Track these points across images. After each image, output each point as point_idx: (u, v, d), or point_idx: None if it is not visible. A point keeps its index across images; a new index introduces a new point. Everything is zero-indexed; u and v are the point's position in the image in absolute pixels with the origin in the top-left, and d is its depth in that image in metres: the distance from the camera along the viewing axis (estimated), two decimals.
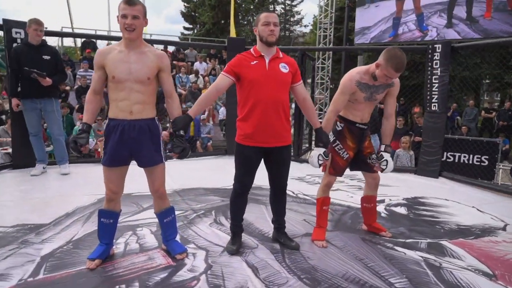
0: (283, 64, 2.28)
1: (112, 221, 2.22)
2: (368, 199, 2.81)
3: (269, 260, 2.28)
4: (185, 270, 2.13)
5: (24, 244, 2.42)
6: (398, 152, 5.70)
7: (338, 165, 2.60)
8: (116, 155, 2.09)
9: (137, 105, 2.08)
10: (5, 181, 3.93)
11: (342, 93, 2.48)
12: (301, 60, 5.15)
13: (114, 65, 2.03)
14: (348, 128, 2.58)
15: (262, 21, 2.22)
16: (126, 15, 1.96)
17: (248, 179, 2.37)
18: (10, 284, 1.93)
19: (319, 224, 2.68)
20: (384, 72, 2.32)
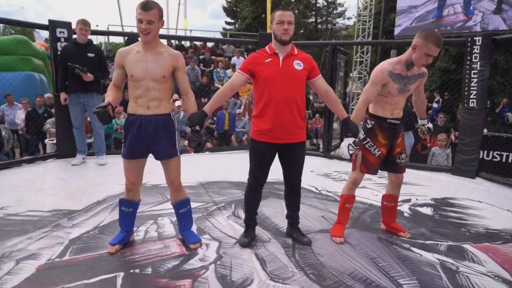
0: (297, 61, 2.29)
1: (131, 210, 2.37)
2: (389, 197, 2.74)
3: (279, 254, 2.33)
4: (196, 259, 2.23)
5: (56, 227, 2.65)
6: (434, 150, 5.45)
7: (370, 162, 2.54)
8: (133, 148, 2.22)
9: (153, 101, 2.20)
10: (49, 169, 4.27)
11: (373, 83, 2.42)
12: (332, 54, 5.07)
13: (132, 65, 2.17)
14: (379, 125, 2.52)
15: (277, 19, 2.23)
16: (141, 20, 2.07)
17: (262, 174, 2.42)
18: (40, 263, 2.14)
19: (339, 221, 2.66)
20: (424, 51, 2.25)
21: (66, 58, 4.26)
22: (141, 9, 2.07)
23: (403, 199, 3.55)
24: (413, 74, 2.43)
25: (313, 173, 4.51)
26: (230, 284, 1.97)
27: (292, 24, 2.25)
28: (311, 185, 3.95)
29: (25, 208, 2.98)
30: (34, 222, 2.73)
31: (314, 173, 4.49)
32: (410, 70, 2.40)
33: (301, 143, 2.39)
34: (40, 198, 3.25)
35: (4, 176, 4.00)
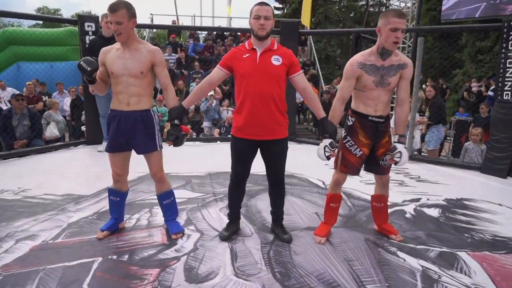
0: (276, 57, 2.24)
1: (119, 199, 2.51)
2: (378, 198, 2.63)
3: (254, 250, 2.34)
4: (172, 250, 2.32)
5: (61, 211, 2.89)
6: (467, 146, 5.03)
7: (350, 163, 2.43)
8: (114, 142, 2.35)
9: (133, 97, 2.30)
10: (77, 155, 4.63)
11: (345, 78, 2.33)
12: (356, 43, 4.85)
13: (112, 62, 2.28)
14: (360, 122, 2.39)
15: (254, 14, 2.21)
16: (111, 22, 2.17)
17: (242, 170, 2.43)
18: (35, 244, 2.36)
19: (325, 220, 2.62)
20: (388, 27, 2.14)
21: (93, 51, 4.52)
22: (108, 11, 2.16)
23: (412, 198, 3.38)
24: (392, 65, 2.26)
25: (327, 166, 4.38)
26: (194, 277, 2.04)
27: (269, 19, 2.20)
28: (319, 179, 3.88)
29: (42, 192, 3.28)
30: (45, 205, 3.00)
31: (328, 167, 4.36)
32: (385, 59, 2.24)
33: (281, 140, 2.35)
34: (59, 183, 3.55)
35: (37, 160, 4.42)
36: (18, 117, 5.01)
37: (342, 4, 23.36)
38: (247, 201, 3.14)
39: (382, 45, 2.21)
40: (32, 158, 4.53)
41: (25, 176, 3.71)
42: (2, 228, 2.57)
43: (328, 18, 21.34)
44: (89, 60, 2.20)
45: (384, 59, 2.24)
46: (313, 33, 11.36)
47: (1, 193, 3.24)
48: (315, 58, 11.77)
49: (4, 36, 10.02)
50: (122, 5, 2.17)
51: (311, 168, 4.27)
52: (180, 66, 10.29)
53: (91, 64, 2.19)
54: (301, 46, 12.27)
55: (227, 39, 11.88)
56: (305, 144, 5.64)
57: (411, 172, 4.26)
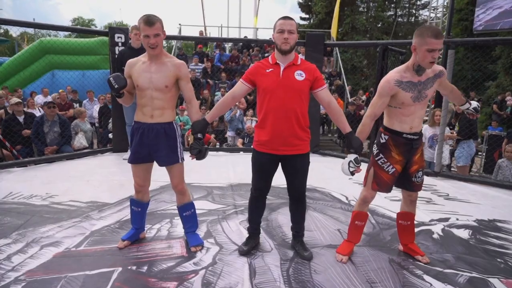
0: (299, 72, 2.23)
1: (140, 210, 2.54)
2: (404, 215, 2.53)
3: (273, 266, 2.30)
4: (190, 262, 2.31)
5: (85, 218, 2.95)
6: (501, 163, 4.79)
7: (383, 180, 2.36)
8: (137, 154, 2.38)
9: (157, 110, 2.34)
10: (103, 162, 4.75)
11: (380, 95, 2.26)
12: (382, 55, 4.75)
13: (138, 75, 2.32)
14: (394, 140, 2.31)
15: (277, 28, 2.20)
16: (148, 35, 2.19)
17: (262, 185, 2.41)
18: (58, 250, 2.41)
19: (348, 238, 2.54)
20: (424, 48, 2.08)
21: (121, 62, 4.65)
22: (145, 25, 2.18)
23: (440, 217, 3.24)
24: (428, 78, 2.21)
25: (351, 180, 4.30)
26: None
27: (293, 33, 2.20)
28: (343, 194, 3.79)
29: (68, 198, 3.37)
30: (70, 212, 3.07)
31: (351, 181, 4.28)
32: (421, 74, 2.19)
33: (303, 155, 2.32)
34: (84, 189, 3.63)
35: (65, 166, 4.55)
36: (49, 124, 5.20)
37: (369, 15, 23.15)
38: (267, 215, 3.10)
39: (418, 63, 2.16)
40: (61, 164, 4.68)
41: (53, 182, 3.83)
42: (29, 233, 2.64)
43: (355, 28, 21.18)
44: (119, 77, 2.24)
45: (420, 75, 2.20)
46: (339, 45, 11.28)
47: (30, 198, 3.35)
48: (341, 69, 11.66)
49: (41, 46, 10.53)
50: (157, 18, 2.22)
51: (335, 182, 4.19)
52: (206, 76, 10.44)
53: (119, 82, 2.23)
54: (327, 56, 12.21)
55: (253, 50, 11.97)
56: (329, 157, 5.55)
57: (439, 189, 4.09)
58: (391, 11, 23.44)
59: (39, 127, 5.15)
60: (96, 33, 6.34)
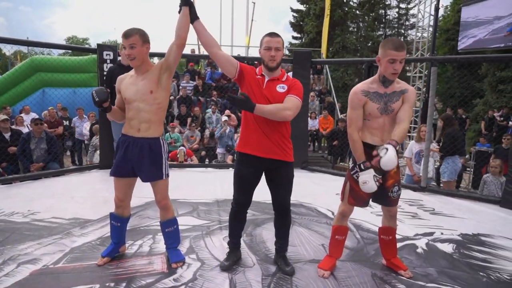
0: (281, 85, 2.27)
1: (119, 225, 2.50)
2: (386, 230, 2.53)
3: (254, 282, 2.27)
4: (170, 279, 2.27)
5: (66, 235, 2.90)
6: (486, 178, 4.84)
7: (359, 195, 2.34)
8: (120, 167, 2.37)
9: (144, 123, 2.32)
10: (89, 179, 4.70)
11: (352, 108, 2.29)
12: (368, 72, 4.84)
13: (125, 88, 2.35)
14: (367, 154, 2.28)
15: (264, 45, 2.24)
16: (124, 46, 2.24)
17: (243, 199, 2.41)
18: (35, 268, 2.36)
19: (330, 254, 2.52)
20: (386, 59, 2.14)
21: (111, 79, 4.66)
22: (122, 37, 2.24)
23: (425, 231, 3.24)
24: (394, 91, 2.25)
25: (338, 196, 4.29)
26: None
27: (279, 51, 2.24)
28: (329, 209, 3.78)
29: (50, 215, 3.32)
30: (51, 228, 3.02)
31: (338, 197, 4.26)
32: (388, 86, 2.23)
33: (287, 164, 2.33)
34: (67, 206, 3.59)
35: (50, 183, 4.50)
36: (36, 141, 5.16)
37: (359, 34, 23.68)
38: (252, 230, 3.08)
39: (383, 74, 2.21)
40: (45, 181, 4.62)
41: (36, 199, 3.77)
42: (6, 251, 2.59)
43: (345, 47, 21.60)
44: (101, 90, 2.23)
45: (386, 87, 2.24)
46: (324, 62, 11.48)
47: (11, 215, 3.30)
48: (331, 87, 11.82)
49: (33, 64, 10.56)
50: (135, 30, 2.25)
51: (321, 197, 4.19)
52: (197, 93, 10.51)
53: (101, 95, 2.22)
54: (317, 74, 12.39)
55: None
56: (317, 173, 5.56)
57: (425, 204, 4.11)
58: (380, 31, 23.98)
59: (26, 144, 5.11)
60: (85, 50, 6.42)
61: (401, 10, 25.10)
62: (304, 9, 24.41)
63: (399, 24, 25.09)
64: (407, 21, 25.41)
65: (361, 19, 23.31)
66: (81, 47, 5.37)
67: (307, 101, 5.60)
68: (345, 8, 21.96)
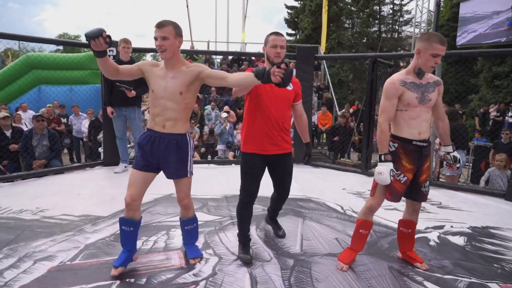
0: None
1: (132, 229, 2.28)
2: (406, 223, 2.53)
3: (274, 276, 2.27)
4: (190, 274, 2.27)
5: (79, 232, 2.87)
6: (492, 172, 4.89)
7: (396, 190, 2.32)
8: (144, 161, 2.25)
9: (169, 121, 2.21)
10: (93, 176, 4.66)
11: (388, 98, 2.27)
12: (372, 67, 4.85)
13: (154, 80, 2.21)
14: (403, 148, 2.30)
15: (270, 43, 2.40)
16: (156, 37, 2.12)
17: (254, 188, 2.49)
18: (52, 264, 2.34)
19: (352, 247, 2.50)
20: (429, 52, 2.16)
21: None
22: (155, 26, 2.12)
23: (435, 225, 3.27)
24: (428, 82, 2.29)
25: (345, 191, 4.33)
26: None
27: (284, 48, 2.41)
28: (338, 204, 3.80)
29: (59, 212, 3.28)
30: (63, 225, 2.99)
31: (345, 191, 4.31)
32: (421, 78, 2.27)
33: (289, 155, 2.56)
34: (75, 203, 3.55)
35: (54, 181, 4.46)
36: (38, 137, 5.10)
37: (354, 30, 23.72)
38: (265, 225, 3.09)
39: (419, 66, 2.23)
40: (50, 179, 4.57)
41: (42, 196, 3.73)
42: (20, 248, 2.56)
43: (341, 44, 21.63)
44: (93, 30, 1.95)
45: (420, 78, 2.27)
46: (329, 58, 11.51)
47: (20, 212, 3.26)
48: (329, 82, 11.85)
49: (29, 61, 10.41)
50: (170, 22, 2.15)
51: (328, 192, 4.21)
52: None
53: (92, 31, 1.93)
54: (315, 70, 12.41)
55: (243, 64, 12.09)
56: (321, 168, 5.58)
57: (432, 198, 4.14)
58: (375, 27, 24.07)
59: (28, 141, 5.05)
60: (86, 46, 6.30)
61: (396, 6, 25.22)
62: (299, 6, 24.40)
63: (394, 20, 25.20)
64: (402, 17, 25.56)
65: (355, 15, 23.33)
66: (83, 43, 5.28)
67: (310, 97, 5.59)
68: (340, 4, 21.97)
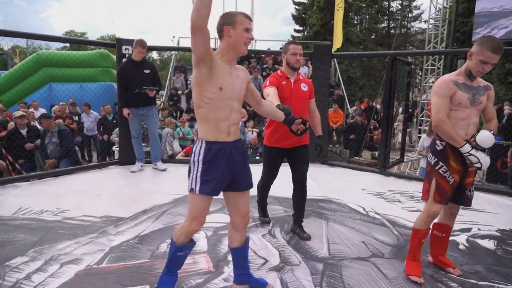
0: (303, 84, 2.92)
1: (188, 251, 2.02)
2: (442, 227, 2.45)
3: (305, 281, 2.22)
4: (220, 279, 2.23)
5: (102, 234, 2.85)
6: None
7: (444, 191, 2.21)
8: (222, 182, 1.86)
9: (234, 126, 1.90)
10: (109, 176, 4.64)
11: (441, 96, 2.19)
12: (391, 65, 4.77)
13: (221, 75, 1.78)
14: (451, 146, 2.21)
15: (291, 51, 2.83)
16: (249, 29, 1.82)
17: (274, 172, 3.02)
18: (79, 268, 2.32)
19: (413, 257, 2.35)
20: (479, 58, 2.10)
21: (125, 77, 4.55)
22: (247, 18, 1.82)
23: (462, 227, 3.19)
24: (479, 85, 2.24)
25: (364, 191, 4.27)
26: None
27: (302, 56, 2.86)
28: (359, 205, 3.73)
29: (80, 213, 3.26)
30: (85, 227, 2.97)
31: (365, 192, 4.25)
32: (473, 80, 2.21)
33: (306, 146, 2.91)
34: (95, 204, 3.53)
35: (71, 180, 4.44)
36: (49, 135, 5.11)
37: (363, 26, 23.52)
38: (289, 227, 3.04)
39: (470, 68, 2.18)
40: (67, 178, 4.55)
41: (61, 196, 3.72)
42: (45, 250, 2.54)
43: (350, 40, 21.46)
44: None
45: (471, 80, 2.22)
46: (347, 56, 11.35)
47: (41, 213, 3.24)
48: (340, 80, 11.74)
49: (39, 59, 10.44)
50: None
51: (348, 193, 4.14)
52: None
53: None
54: None
55: (251, 60, 12.02)
56: (337, 167, 5.51)
57: None
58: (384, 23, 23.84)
59: (42, 139, 5.07)
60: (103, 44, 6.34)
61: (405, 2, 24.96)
62: (307, 2, 24.24)
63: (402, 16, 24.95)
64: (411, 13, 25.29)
65: (364, 11, 23.12)
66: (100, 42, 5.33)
67: (325, 96, 5.51)
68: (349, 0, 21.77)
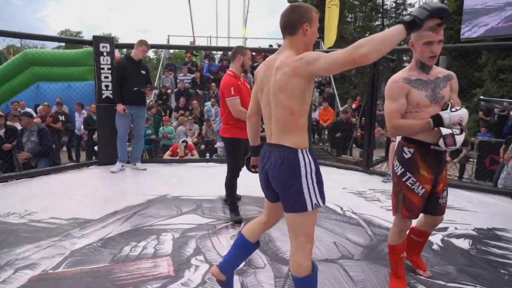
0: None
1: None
2: (420, 233, 2.32)
3: (267, 285, 2.15)
4: (178, 283, 2.15)
5: (66, 237, 2.76)
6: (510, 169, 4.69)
7: (414, 205, 2.03)
8: None
9: None
10: (87, 176, 4.54)
11: (392, 99, 1.96)
12: (373, 62, 4.69)
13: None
14: (421, 153, 2.01)
15: (249, 56, 3.08)
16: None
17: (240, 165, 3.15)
18: (34, 273, 2.23)
19: (396, 274, 2.18)
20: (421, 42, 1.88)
21: (123, 73, 4.48)
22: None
23: (439, 226, 3.09)
24: (437, 77, 1.99)
25: (345, 190, 4.19)
26: None
27: None
28: (337, 204, 3.66)
29: (48, 215, 3.17)
30: (50, 230, 2.88)
31: (345, 191, 4.17)
32: (428, 72, 1.98)
33: None
34: (66, 205, 3.44)
35: (47, 181, 4.35)
36: (27, 134, 5.02)
37: (357, 24, 23.44)
38: None
39: (419, 60, 1.97)
40: (43, 179, 4.46)
41: (33, 198, 3.62)
42: (3, 255, 2.45)
43: (343, 38, 21.36)
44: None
45: (427, 73, 1.99)
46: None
47: (7, 216, 3.15)
48: (331, 78, 11.67)
49: (26, 58, 10.29)
50: None
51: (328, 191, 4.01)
52: (195, 86, 10.32)
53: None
54: None
55: None
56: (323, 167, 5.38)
57: None
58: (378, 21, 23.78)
59: (19, 139, 4.97)
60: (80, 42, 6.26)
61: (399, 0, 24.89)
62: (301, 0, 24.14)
63: (397, 14, 24.87)
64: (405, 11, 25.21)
65: (358, 9, 23.04)
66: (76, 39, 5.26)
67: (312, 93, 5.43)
68: None
